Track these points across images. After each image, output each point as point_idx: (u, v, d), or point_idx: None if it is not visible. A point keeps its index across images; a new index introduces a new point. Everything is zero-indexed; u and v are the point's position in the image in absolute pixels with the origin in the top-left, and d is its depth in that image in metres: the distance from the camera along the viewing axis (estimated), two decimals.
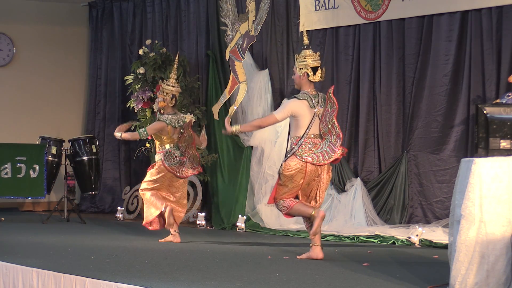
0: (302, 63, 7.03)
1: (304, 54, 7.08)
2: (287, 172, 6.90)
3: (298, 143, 6.90)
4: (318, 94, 7.04)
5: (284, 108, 7.06)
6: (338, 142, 6.93)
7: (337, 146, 6.92)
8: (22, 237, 8.80)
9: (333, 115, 6.95)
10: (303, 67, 7.01)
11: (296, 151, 6.89)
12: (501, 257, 4.89)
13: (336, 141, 6.92)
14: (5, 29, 12.95)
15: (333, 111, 6.96)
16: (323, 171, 6.98)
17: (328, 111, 6.95)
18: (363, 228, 9.06)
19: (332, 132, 6.94)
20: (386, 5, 9.33)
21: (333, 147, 6.92)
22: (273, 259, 7.07)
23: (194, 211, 10.83)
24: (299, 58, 7.08)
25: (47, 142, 11.18)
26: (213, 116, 11.19)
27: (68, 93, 13.44)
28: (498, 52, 8.52)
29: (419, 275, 6.00)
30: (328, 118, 6.94)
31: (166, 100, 8.48)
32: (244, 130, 7.52)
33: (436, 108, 8.95)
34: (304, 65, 7.02)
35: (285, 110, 7.01)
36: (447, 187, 8.73)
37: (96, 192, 11.86)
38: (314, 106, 6.95)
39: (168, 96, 8.47)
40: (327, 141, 6.93)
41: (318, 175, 6.97)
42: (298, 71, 7.03)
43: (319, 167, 6.92)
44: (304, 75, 7.02)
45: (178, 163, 8.40)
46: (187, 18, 11.88)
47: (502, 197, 4.91)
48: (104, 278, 5.74)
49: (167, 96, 8.47)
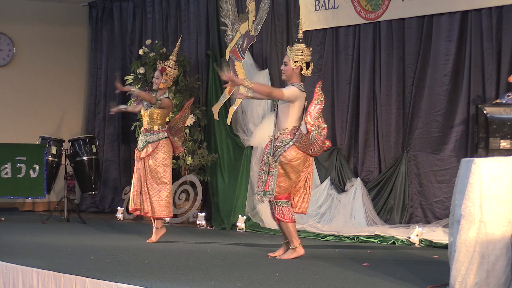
0: (298, 56, 7.02)
1: (300, 48, 7.06)
2: (294, 162, 6.91)
3: (295, 134, 6.92)
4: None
5: (291, 90, 6.96)
6: (322, 136, 7.01)
7: (322, 138, 7.01)
8: (22, 237, 8.79)
9: (319, 109, 7.01)
10: (299, 60, 7.01)
11: (296, 141, 6.91)
12: (501, 257, 4.89)
13: (321, 134, 7.00)
14: (5, 29, 12.95)
15: (320, 104, 7.01)
16: (312, 161, 7.11)
17: (314, 104, 7.01)
18: (363, 228, 9.06)
19: (317, 125, 7.00)
20: (386, 5, 9.33)
21: (318, 139, 6.99)
22: (273, 259, 7.07)
23: (194, 211, 10.83)
24: (294, 51, 7.05)
25: (47, 142, 11.18)
26: (213, 116, 11.19)
27: (68, 93, 13.44)
28: (498, 52, 8.52)
29: (419, 275, 6.00)
30: (315, 112, 6.99)
31: (167, 82, 8.53)
32: (254, 87, 7.01)
33: (436, 108, 8.95)
34: (301, 58, 7.01)
35: (293, 93, 6.93)
36: (447, 187, 8.73)
37: (96, 192, 11.85)
38: (305, 99, 7.02)
39: (170, 78, 8.54)
40: (314, 133, 6.99)
41: (308, 165, 7.07)
42: (293, 63, 7.01)
43: (310, 157, 7.05)
44: (297, 68, 7.02)
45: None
46: (187, 18, 11.89)
47: (502, 197, 4.91)
48: (104, 278, 5.74)
49: (169, 78, 8.53)
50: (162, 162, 8.34)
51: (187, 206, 10.93)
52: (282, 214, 6.99)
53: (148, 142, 8.40)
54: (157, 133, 8.39)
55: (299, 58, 7.01)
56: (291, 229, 6.98)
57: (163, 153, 8.35)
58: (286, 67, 7.07)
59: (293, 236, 6.99)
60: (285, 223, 6.99)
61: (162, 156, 8.35)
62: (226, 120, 11.04)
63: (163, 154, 8.35)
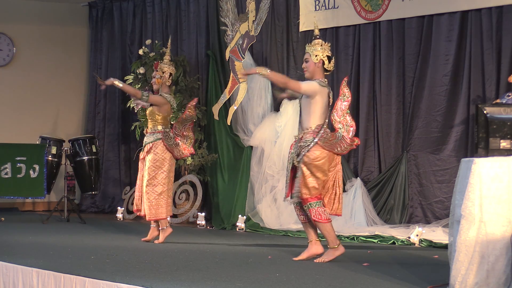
0: (319, 50, 6.91)
1: (319, 42, 6.94)
2: (317, 162, 6.74)
3: (319, 132, 6.79)
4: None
5: (310, 84, 6.83)
6: (351, 133, 6.90)
7: (350, 136, 6.89)
8: (22, 237, 8.79)
9: (346, 106, 6.93)
10: (320, 53, 6.89)
11: (319, 140, 6.75)
12: (501, 257, 4.89)
13: (349, 132, 6.89)
14: (5, 29, 12.95)
15: (346, 101, 6.94)
16: (339, 161, 6.96)
17: (341, 101, 6.94)
18: (363, 228, 9.06)
19: (344, 122, 6.91)
20: (386, 5, 9.34)
21: (346, 137, 6.88)
22: (273, 259, 7.06)
23: (194, 211, 10.83)
24: (313, 46, 6.93)
25: (47, 142, 11.18)
26: (213, 116, 11.19)
27: (68, 93, 13.44)
28: (498, 52, 8.52)
29: (419, 275, 6.00)
30: (341, 109, 6.93)
31: (163, 78, 8.49)
32: (269, 76, 6.86)
33: (436, 108, 8.96)
34: (321, 52, 6.89)
35: (311, 87, 6.80)
36: (447, 187, 8.74)
37: (96, 192, 11.86)
38: (329, 95, 6.90)
39: (166, 74, 8.49)
40: (341, 131, 6.89)
41: (335, 165, 6.91)
42: (314, 58, 6.88)
43: (337, 157, 6.89)
44: (320, 62, 6.88)
45: (173, 144, 8.37)
46: (187, 18, 11.89)
47: (502, 197, 4.91)
48: (104, 278, 5.74)
49: (165, 74, 8.48)
50: (154, 163, 8.31)
51: (187, 206, 10.94)
52: (318, 215, 6.79)
53: (147, 142, 8.41)
54: (155, 133, 8.39)
55: (319, 52, 6.93)
56: (330, 229, 6.81)
57: (155, 154, 8.31)
58: (307, 63, 6.93)
59: (333, 235, 6.83)
60: (322, 224, 6.80)
61: (154, 158, 8.31)
62: (226, 120, 11.04)
63: (155, 155, 8.31)
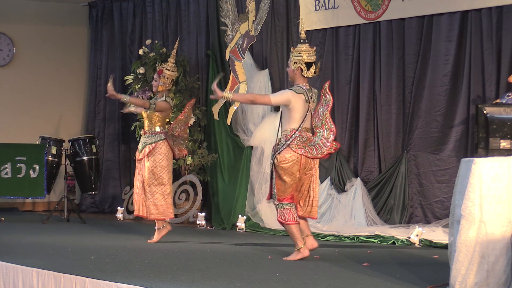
0: (297, 57, 7.01)
1: (300, 49, 7.05)
2: (284, 164, 6.89)
3: (292, 136, 6.90)
4: (311, 88, 7.07)
5: (281, 94, 7.07)
6: (331, 137, 6.96)
7: (330, 140, 6.95)
8: (22, 237, 8.79)
9: (327, 110, 6.99)
10: (297, 61, 7.00)
11: (291, 143, 6.88)
12: (501, 257, 4.89)
13: (329, 136, 6.95)
14: (5, 29, 12.95)
15: (327, 105, 7.00)
16: (315, 164, 7.05)
17: (322, 106, 7.00)
18: (363, 228, 9.06)
19: (325, 126, 6.97)
20: (386, 5, 9.33)
21: (325, 141, 6.95)
22: (273, 259, 7.07)
23: (194, 211, 10.83)
24: (294, 52, 7.07)
25: (47, 142, 11.18)
26: (213, 116, 11.19)
27: (68, 93, 13.44)
28: (498, 52, 8.52)
29: (419, 275, 6.00)
30: (321, 113, 6.98)
31: (165, 84, 8.54)
32: (236, 99, 7.63)
33: (436, 108, 8.95)
34: (299, 60, 7.00)
35: (282, 97, 7.00)
36: (447, 187, 8.73)
37: (96, 192, 11.86)
38: (308, 100, 6.98)
39: (168, 81, 8.53)
40: (320, 135, 6.97)
41: (310, 168, 7.01)
42: (293, 65, 7.03)
43: (312, 160, 6.98)
44: (297, 69, 7.01)
45: (174, 144, 8.48)
46: (187, 18, 11.88)
47: (502, 197, 4.91)
48: (104, 278, 5.74)
49: (167, 80, 8.53)
50: (159, 163, 8.34)
51: (187, 206, 10.94)
52: (283, 216, 6.98)
53: (147, 143, 8.41)
54: (156, 134, 8.40)
55: (298, 59, 7.02)
56: (294, 231, 6.95)
57: (160, 155, 8.36)
58: (288, 68, 7.14)
59: (297, 237, 6.96)
60: (287, 225, 6.98)
61: (159, 158, 8.36)
62: (226, 120, 11.04)
63: (160, 155, 8.36)
